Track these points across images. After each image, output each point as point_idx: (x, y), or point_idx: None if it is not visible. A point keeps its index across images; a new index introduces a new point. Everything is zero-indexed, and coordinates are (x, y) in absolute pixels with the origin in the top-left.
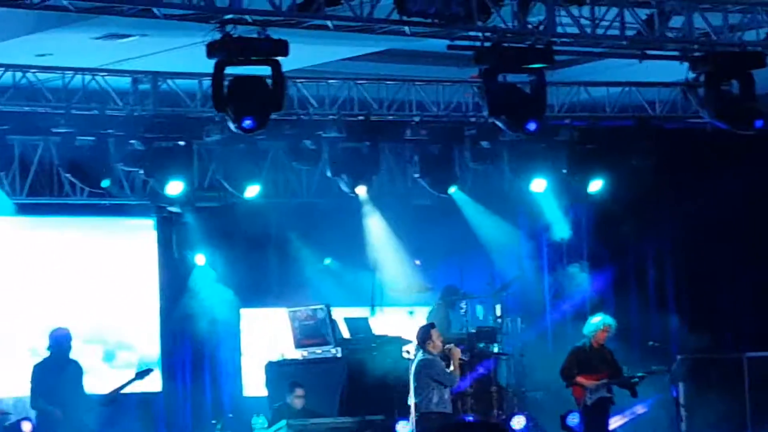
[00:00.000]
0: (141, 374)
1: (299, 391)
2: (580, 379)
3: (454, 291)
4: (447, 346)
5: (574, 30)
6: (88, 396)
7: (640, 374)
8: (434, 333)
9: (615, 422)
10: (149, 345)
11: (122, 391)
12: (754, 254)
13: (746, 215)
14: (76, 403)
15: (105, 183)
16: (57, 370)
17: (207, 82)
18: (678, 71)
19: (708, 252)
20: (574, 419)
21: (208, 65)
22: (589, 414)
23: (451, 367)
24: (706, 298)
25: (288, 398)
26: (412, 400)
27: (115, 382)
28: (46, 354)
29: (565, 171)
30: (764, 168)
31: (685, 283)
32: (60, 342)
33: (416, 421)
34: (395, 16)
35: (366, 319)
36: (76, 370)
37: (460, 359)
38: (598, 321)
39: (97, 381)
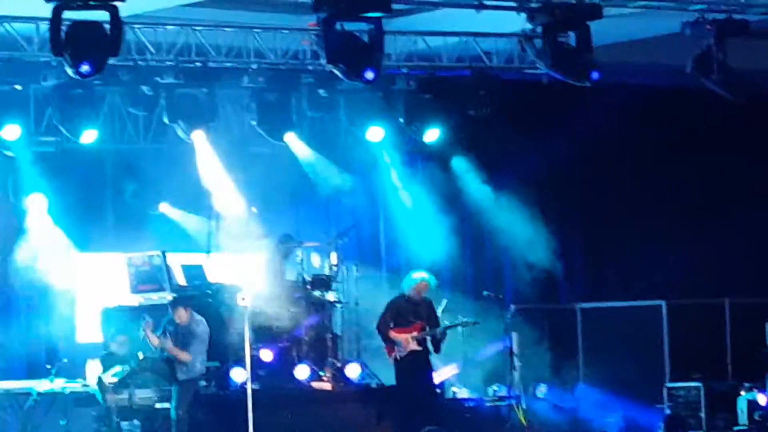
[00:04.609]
0: None
1: (121, 338)
2: (392, 334)
3: (289, 239)
4: None
5: None
6: None
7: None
8: None
9: (449, 371)
10: None
11: None
12: (588, 204)
13: (580, 166)
14: None
15: None
16: None
17: (45, 26)
18: (515, 22)
19: (543, 201)
20: None
21: (46, 9)
22: (398, 368)
23: None
24: (542, 248)
25: (111, 346)
26: None
27: None
28: None
29: (402, 120)
30: (599, 119)
31: (522, 233)
32: None
33: None
34: None
35: (201, 266)
36: None
37: None
38: (417, 278)
39: None
